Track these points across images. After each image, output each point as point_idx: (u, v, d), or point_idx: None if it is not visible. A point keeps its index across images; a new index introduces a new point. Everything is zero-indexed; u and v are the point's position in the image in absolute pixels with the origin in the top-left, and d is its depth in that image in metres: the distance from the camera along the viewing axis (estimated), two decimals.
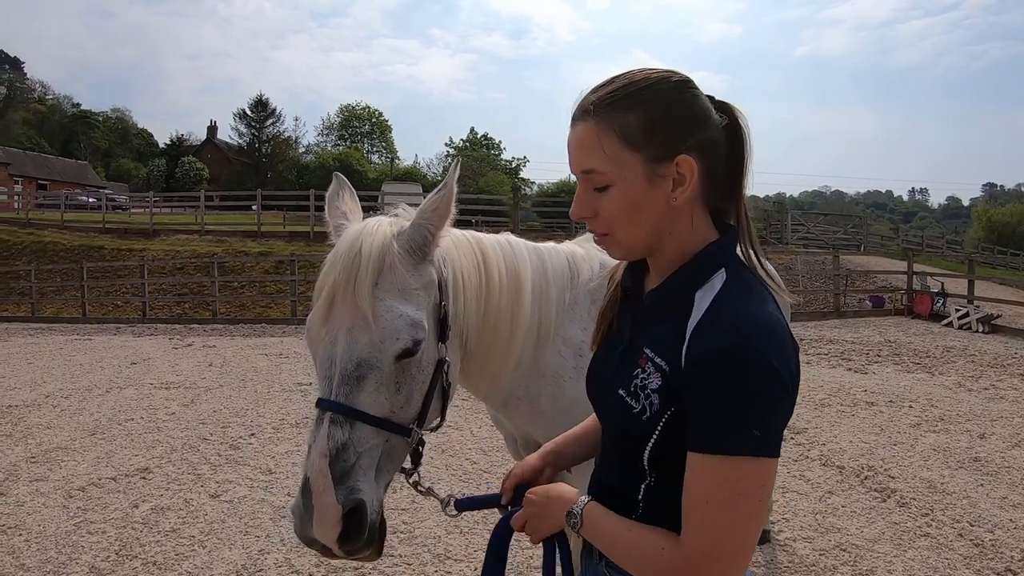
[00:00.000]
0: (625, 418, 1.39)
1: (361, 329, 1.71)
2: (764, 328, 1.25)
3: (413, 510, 5.41)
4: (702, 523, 1.24)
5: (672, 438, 1.32)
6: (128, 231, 33.11)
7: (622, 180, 1.34)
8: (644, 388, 1.36)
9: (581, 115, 1.38)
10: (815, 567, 4.49)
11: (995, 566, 4.51)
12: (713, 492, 1.22)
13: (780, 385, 1.23)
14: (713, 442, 1.22)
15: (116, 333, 18.19)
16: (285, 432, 7.66)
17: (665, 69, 1.39)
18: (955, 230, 71.04)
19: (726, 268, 1.36)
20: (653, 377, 1.35)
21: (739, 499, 1.21)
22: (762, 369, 1.21)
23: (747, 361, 1.21)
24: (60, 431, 7.81)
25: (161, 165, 74.06)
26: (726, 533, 1.23)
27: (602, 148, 1.34)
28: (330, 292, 1.74)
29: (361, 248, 1.75)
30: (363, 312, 1.70)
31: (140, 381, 10.75)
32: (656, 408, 1.33)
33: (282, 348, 14.42)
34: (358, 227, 1.86)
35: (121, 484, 6.05)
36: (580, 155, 1.38)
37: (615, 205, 1.36)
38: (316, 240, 30.36)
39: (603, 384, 1.51)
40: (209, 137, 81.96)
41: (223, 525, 5.17)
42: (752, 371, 1.21)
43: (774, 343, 1.24)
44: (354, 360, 1.71)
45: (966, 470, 6.31)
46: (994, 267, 41.44)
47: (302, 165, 70.88)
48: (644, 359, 1.39)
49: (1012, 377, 10.83)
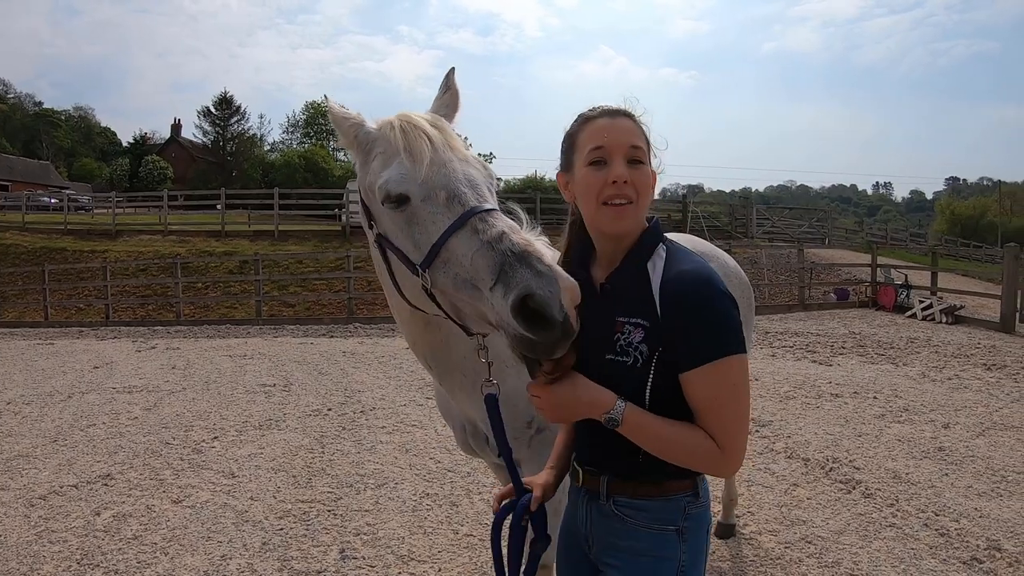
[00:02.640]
0: (620, 374, 1.74)
1: (473, 166, 2.00)
2: (704, 266, 1.75)
3: (376, 511, 5.36)
4: (721, 421, 1.67)
5: (664, 378, 1.71)
6: (91, 232, 32.75)
7: (648, 163, 1.83)
8: (629, 343, 1.74)
9: (624, 114, 1.85)
10: (781, 560, 4.50)
11: (960, 555, 4.54)
12: (720, 393, 1.67)
13: (734, 303, 1.72)
14: (706, 353, 1.66)
15: (79, 337, 17.91)
16: (248, 435, 7.56)
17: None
18: (919, 223, 72.14)
19: (662, 243, 1.85)
20: (635, 333, 1.74)
21: (736, 390, 1.68)
22: (723, 294, 1.70)
23: (712, 289, 1.69)
24: (21, 439, 7.64)
25: (124, 164, 72.81)
26: (739, 424, 1.70)
27: (640, 136, 1.83)
28: (429, 141, 1.97)
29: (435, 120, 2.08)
30: (467, 156, 2.02)
31: (103, 385, 10.58)
32: (645, 354, 1.72)
33: (246, 349, 14.26)
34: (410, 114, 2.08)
35: (83, 491, 5.93)
36: (627, 135, 1.81)
37: (644, 180, 1.81)
38: (280, 239, 30.18)
39: (595, 362, 1.79)
40: (173, 135, 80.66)
41: (185, 531, 5.08)
42: (718, 296, 1.69)
43: (714, 275, 1.73)
44: (487, 182, 1.98)
45: (931, 460, 6.36)
46: (957, 259, 42.02)
47: (267, 163, 70.03)
48: (619, 325, 1.77)
49: (975, 367, 10.96)
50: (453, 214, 1.83)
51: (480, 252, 1.72)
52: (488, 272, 1.68)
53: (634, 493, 1.81)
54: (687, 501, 1.81)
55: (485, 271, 1.69)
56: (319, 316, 21.04)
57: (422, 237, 1.87)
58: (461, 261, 1.77)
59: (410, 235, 1.91)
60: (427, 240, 1.85)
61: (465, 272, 1.76)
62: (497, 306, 1.64)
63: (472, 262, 1.73)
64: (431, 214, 1.86)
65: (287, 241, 30.16)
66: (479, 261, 1.71)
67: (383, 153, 2.02)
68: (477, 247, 1.73)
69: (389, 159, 1.98)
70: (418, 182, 1.89)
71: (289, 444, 7.15)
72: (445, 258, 1.81)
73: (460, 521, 5.17)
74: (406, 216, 1.91)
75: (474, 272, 1.73)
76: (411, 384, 10.02)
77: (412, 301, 2.06)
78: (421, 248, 1.87)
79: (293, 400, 9.24)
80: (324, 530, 5.04)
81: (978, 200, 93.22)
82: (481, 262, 1.71)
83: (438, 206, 1.86)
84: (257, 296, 21.13)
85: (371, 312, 20.41)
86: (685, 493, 1.81)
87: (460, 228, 1.79)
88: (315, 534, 4.97)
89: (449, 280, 1.81)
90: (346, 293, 20.60)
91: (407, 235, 1.92)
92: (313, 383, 10.42)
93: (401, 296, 2.08)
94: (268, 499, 5.64)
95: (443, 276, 1.82)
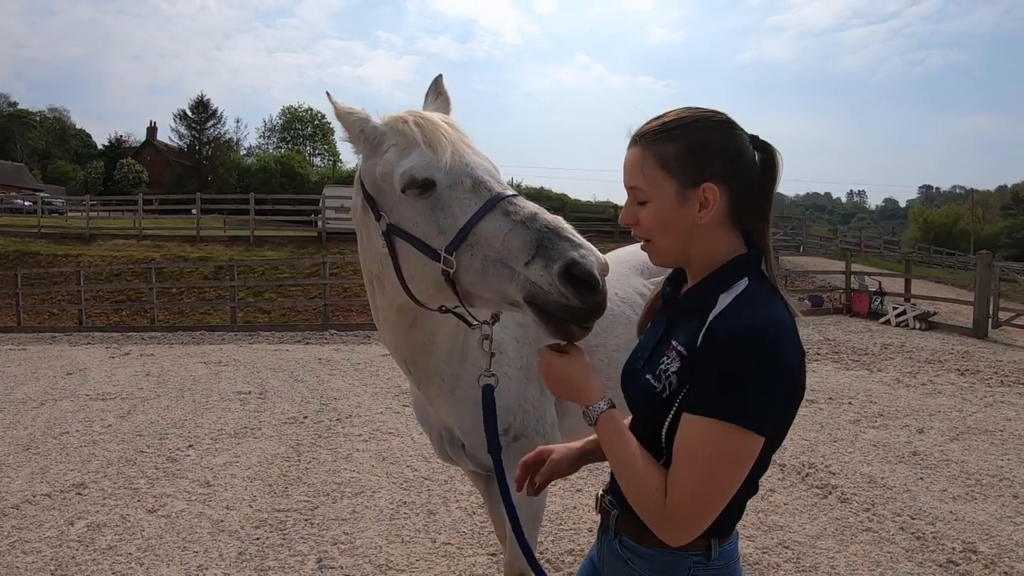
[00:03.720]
0: (649, 399, 1.63)
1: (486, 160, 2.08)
2: (772, 321, 1.50)
3: (353, 520, 5.32)
4: (679, 476, 1.49)
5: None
6: (64, 236, 32.47)
7: (658, 198, 1.62)
8: (666, 371, 1.60)
9: (633, 141, 1.67)
10: (759, 566, 4.51)
11: (937, 558, 4.59)
12: (694, 449, 1.47)
13: (777, 372, 1.45)
14: (703, 405, 1.47)
15: (52, 343, 17.68)
16: (223, 443, 7.49)
17: (711, 110, 1.65)
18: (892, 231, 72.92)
19: (748, 277, 1.60)
20: (674, 362, 1.59)
21: (714, 460, 1.45)
22: (763, 352, 1.45)
23: (751, 341, 1.45)
24: None
25: (99, 167, 72.17)
26: (697, 489, 1.47)
27: (643, 170, 1.63)
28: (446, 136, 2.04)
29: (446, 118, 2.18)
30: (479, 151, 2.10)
31: (76, 392, 10.44)
32: (674, 386, 1.58)
33: (221, 356, 14.13)
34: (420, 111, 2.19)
35: (56, 501, 5.84)
36: (628, 173, 1.67)
37: (651, 218, 1.64)
38: (256, 245, 30.00)
39: (634, 375, 1.74)
40: (149, 139, 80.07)
41: (160, 541, 5.02)
42: (754, 351, 1.44)
43: (779, 337, 1.48)
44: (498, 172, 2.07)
45: (906, 464, 6.41)
46: (930, 266, 42.47)
47: (243, 168, 69.62)
48: (670, 349, 1.63)
49: (949, 372, 11.08)
50: (480, 199, 1.91)
51: (513, 232, 1.80)
52: (523, 249, 1.76)
53: (638, 537, 1.69)
54: (695, 561, 1.64)
55: (520, 249, 1.77)
56: (295, 322, 20.89)
57: (448, 221, 1.93)
58: (491, 243, 1.84)
59: (434, 220, 1.95)
60: (454, 224, 1.91)
61: (496, 253, 1.82)
62: (537, 278, 1.72)
63: (504, 242, 1.81)
64: (458, 199, 1.94)
65: (263, 247, 30.01)
66: (512, 240, 1.79)
67: (397, 145, 2.08)
68: (510, 227, 1.81)
69: (407, 150, 2.04)
70: (443, 170, 1.97)
71: (265, 452, 7.09)
72: (473, 241, 1.87)
73: (438, 529, 5.15)
74: (431, 202, 1.97)
75: (506, 252, 1.80)
76: (387, 391, 9.98)
77: (418, 294, 2.08)
78: (447, 232, 1.92)
79: (268, 408, 9.16)
80: (301, 539, 5.00)
81: (951, 208, 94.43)
82: (515, 241, 1.79)
83: (465, 191, 1.94)
84: (232, 302, 20.93)
85: (347, 319, 20.29)
86: (694, 552, 1.63)
87: (490, 211, 1.87)
88: (292, 543, 4.93)
89: (477, 261, 1.86)
90: (322, 299, 20.45)
91: (430, 221, 1.96)
92: (289, 390, 10.35)
93: (405, 289, 2.10)
94: (244, 508, 5.59)
95: (470, 258, 1.87)
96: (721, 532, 1.65)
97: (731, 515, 1.64)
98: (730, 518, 1.65)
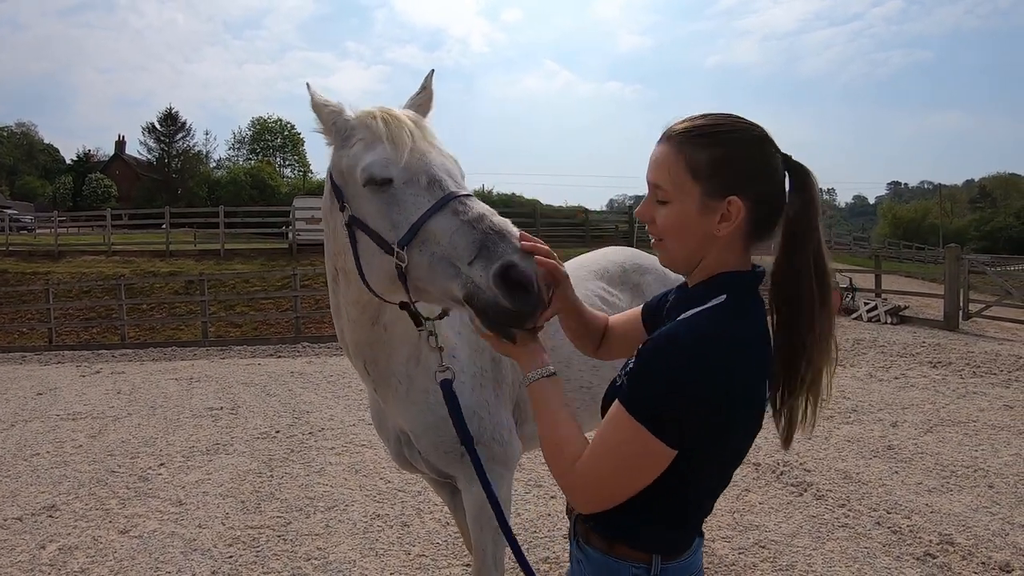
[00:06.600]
0: (611, 391, 1.67)
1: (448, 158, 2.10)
2: (711, 334, 1.50)
3: (327, 535, 5.26)
4: (590, 454, 1.54)
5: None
6: (33, 253, 32.05)
7: (679, 201, 1.59)
8: (626, 368, 1.62)
9: (665, 138, 1.62)
10: (735, 566, 4.51)
11: (914, 551, 4.61)
12: (608, 431, 1.53)
13: (695, 381, 1.45)
14: (622, 392, 1.52)
15: (22, 362, 17.39)
16: (195, 460, 7.39)
17: (750, 122, 1.62)
18: (862, 227, 73.71)
19: (728, 295, 1.57)
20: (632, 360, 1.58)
21: (621, 446, 1.50)
22: (682, 359, 1.46)
23: (672, 345, 1.48)
24: None
25: (68, 182, 71.54)
26: (596, 461, 1.53)
27: (670, 171, 1.59)
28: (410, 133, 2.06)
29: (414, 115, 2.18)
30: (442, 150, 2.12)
31: (46, 413, 10.27)
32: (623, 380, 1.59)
33: (193, 372, 13.96)
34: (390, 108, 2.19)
35: (27, 524, 5.73)
36: (653, 169, 1.63)
37: (668, 219, 1.61)
38: (227, 258, 29.75)
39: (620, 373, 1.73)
40: (117, 152, 79.34)
41: (133, 562, 4.93)
42: (672, 355, 1.47)
43: (711, 350, 1.47)
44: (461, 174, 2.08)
45: (880, 459, 6.45)
46: (900, 261, 43.02)
47: (213, 180, 69.19)
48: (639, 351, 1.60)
49: (921, 365, 11.18)
50: (434, 197, 1.94)
51: (460, 231, 1.82)
52: (468, 249, 1.78)
53: (587, 538, 1.71)
54: (633, 573, 1.64)
55: (465, 248, 1.79)
56: (266, 336, 20.67)
57: (401, 217, 1.96)
58: (440, 240, 1.86)
59: (388, 216, 1.99)
60: (406, 220, 1.94)
61: (443, 251, 1.85)
62: (476, 278, 1.74)
63: (451, 240, 1.83)
64: (412, 196, 1.97)
65: (233, 260, 29.77)
66: (459, 240, 1.81)
67: (363, 139, 2.11)
68: (457, 227, 1.83)
69: (371, 145, 2.08)
70: (400, 166, 2.00)
71: (237, 469, 7.00)
72: (423, 238, 1.89)
73: (412, 542, 5.10)
74: (388, 197, 2.00)
75: (452, 250, 1.82)
76: (360, 404, 9.89)
77: (374, 285, 2.11)
78: (399, 228, 1.95)
79: (240, 423, 9.06)
80: (274, 556, 4.93)
81: (919, 203, 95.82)
82: (461, 240, 1.81)
83: (419, 189, 1.97)
84: (203, 317, 20.71)
85: (319, 330, 20.09)
86: (634, 563, 1.64)
87: (440, 210, 1.89)
88: (265, 560, 4.86)
89: (425, 258, 1.88)
90: (293, 312, 20.26)
91: (385, 216, 2.00)
92: (261, 405, 10.24)
93: (364, 282, 2.13)
94: (217, 526, 5.51)
95: (419, 255, 1.89)
96: (668, 547, 1.65)
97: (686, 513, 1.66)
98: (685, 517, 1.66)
